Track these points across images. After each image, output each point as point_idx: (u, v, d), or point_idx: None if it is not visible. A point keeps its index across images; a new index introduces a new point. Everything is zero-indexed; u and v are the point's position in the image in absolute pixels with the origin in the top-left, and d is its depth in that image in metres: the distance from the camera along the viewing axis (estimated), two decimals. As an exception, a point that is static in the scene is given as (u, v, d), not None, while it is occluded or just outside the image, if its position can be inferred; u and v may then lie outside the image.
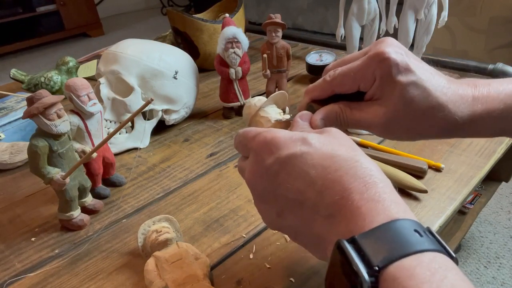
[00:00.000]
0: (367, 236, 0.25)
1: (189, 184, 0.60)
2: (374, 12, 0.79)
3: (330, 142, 0.31)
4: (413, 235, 0.24)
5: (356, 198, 0.27)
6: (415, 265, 0.23)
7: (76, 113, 0.54)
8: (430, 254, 0.24)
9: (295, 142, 0.31)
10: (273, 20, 0.76)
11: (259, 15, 2.52)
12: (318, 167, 0.29)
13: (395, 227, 0.25)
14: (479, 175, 0.56)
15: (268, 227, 0.35)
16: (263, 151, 0.32)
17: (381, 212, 0.26)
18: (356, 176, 0.28)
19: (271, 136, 0.32)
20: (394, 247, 0.24)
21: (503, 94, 0.36)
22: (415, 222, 0.25)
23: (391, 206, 0.26)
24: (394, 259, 0.23)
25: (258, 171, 0.32)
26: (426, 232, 0.25)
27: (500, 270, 0.99)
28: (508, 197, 1.20)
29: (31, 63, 2.68)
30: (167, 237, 0.44)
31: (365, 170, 0.29)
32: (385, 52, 0.35)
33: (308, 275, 0.43)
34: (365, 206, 0.27)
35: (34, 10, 2.82)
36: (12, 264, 0.48)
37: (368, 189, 0.27)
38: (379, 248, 0.24)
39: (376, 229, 0.25)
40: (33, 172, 0.48)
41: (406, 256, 0.23)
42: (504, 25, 1.40)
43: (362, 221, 0.26)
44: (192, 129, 0.76)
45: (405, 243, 0.24)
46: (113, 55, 0.68)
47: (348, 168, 0.29)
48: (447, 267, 0.23)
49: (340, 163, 0.29)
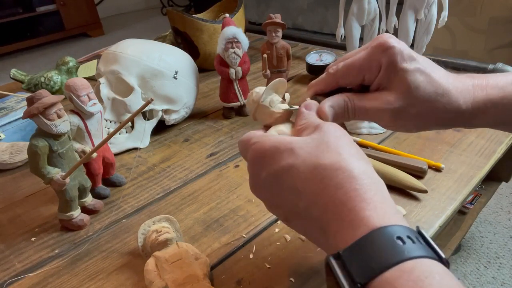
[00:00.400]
0: (350, 251, 0.25)
1: (189, 184, 0.60)
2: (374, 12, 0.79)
3: (317, 148, 0.30)
4: (394, 244, 0.24)
5: (339, 210, 0.27)
6: (397, 277, 0.23)
7: (76, 113, 0.54)
8: (411, 262, 0.23)
9: (282, 154, 0.31)
10: (273, 20, 0.76)
11: (259, 15, 2.52)
12: (304, 180, 0.30)
13: (375, 238, 0.25)
14: (479, 175, 0.56)
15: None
16: (256, 165, 0.33)
17: (361, 223, 0.26)
18: (338, 186, 0.28)
19: (260, 149, 0.32)
20: (374, 260, 0.24)
21: (502, 82, 0.37)
22: (398, 228, 0.25)
23: (372, 215, 0.26)
24: (375, 274, 0.23)
25: (256, 184, 0.34)
26: (412, 236, 0.25)
27: (500, 270, 0.99)
28: (508, 197, 1.20)
29: (31, 63, 2.68)
30: (167, 237, 0.44)
31: (346, 178, 0.28)
32: (388, 41, 0.35)
33: (308, 275, 0.43)
34: (347, 218, 0.27)
35: (34, 10, 2.82)
36: (12, 264, 0.48)
37: (348, 199, 0.27)
38: (361, 262, 0.24)
39: (357, 243, 0.25)
40: (33, 172, 0.48)
41: (387, 268, 0.23)
42: (504, 25, 1.40)
43: (346, 234, 0.26)
44: (192, 129, 0.76)
45: (385, 255, 0.24)
46: (113, 55, 0.68)
47: (330, 178, 0.28)
48: (430, 272, 0.23)
49: (323, 173, 0.29)
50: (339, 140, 0.31)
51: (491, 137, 0.64)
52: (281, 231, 0.49)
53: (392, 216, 0.26)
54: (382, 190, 0.28)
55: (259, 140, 0.33)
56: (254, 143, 0.33)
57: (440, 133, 0.66)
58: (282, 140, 0.32)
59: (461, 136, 0.65)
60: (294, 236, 0.48)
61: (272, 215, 0.52)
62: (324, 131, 0.32)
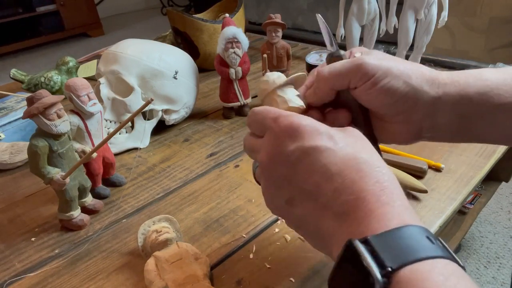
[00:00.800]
0: (380, 238, 0.25)
1: (189, 184, 0.60)
2: (374, 12, 0.79)
3: (354, 143, 0.31)
4: (426, 241, 0.25)
5: (372, 200, 0.28)
6: (429, 269, 0.23)
7: (76, 113, 0.54)
8: (442, 260, 0.24)
9: (321, 135, 0.31)
10: (273, 20, 0.76)
11: (259, 15, 2.52)
12: (340, 165, 0.30)
13: (409, 232, 0.25)
14: (479, 175, 0.56)
15: (271, 211, 0.35)
16: (286, 135, 0.31)
17: (395, 216, 0.26)
18: (375, 180, 0.29)
19: (297, 123, 0.31)
20: (407, 251, 0.24)
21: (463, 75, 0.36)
22: (426, 229, 0.26)
23: (405, 212, 0.27)
24: (408, 262, 0.23)
25: (277, 155, 0.32)
26: (437, 240, 0.26)
27: (500, 270, 0.99)
28: (508, 197, 1.20)
29: (31, 63, 2.68)
30: (167, 237, 0.44)
31: (384, 176, 0.29)
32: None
33: (308, 275, 0.43)
34: (379, 210, 0.27)
35: (34, 10, 2.82)
36: (12, 264, 0.48)
37: (384, 194, 0.28)
38: (393, 250, 0.24)
39: (390, 232, 0.25)
40: (33, 172, 0.48)
41: (419, 260, 0.23)
42: (504, 25, 1.40)
43: (375, 223, 0.26)
44: (192, 129, 0.76)
45: (418, 248, 0.24)
46: (113, 55, 0.68)
47: (369, 172, 0.29)
48: (459, 274, 0.23)
49: (362, 165, 0.29)
50: (369, 143, 0.32)
51: (491, 137, 0.64)
52: (281, 231, 0.49)
53: (418, 219, 0.27)
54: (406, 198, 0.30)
55: (291, 114, 0.32)
56: (284, 115, 0.32)
57: (440, 133, 0.66)
58: (320, 124, 0.32)
59: (461, 136, 0.65)
60: (294, 236, 0.48)
61: (272, 215, 0.52)
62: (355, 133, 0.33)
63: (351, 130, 0.33)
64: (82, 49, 2.76)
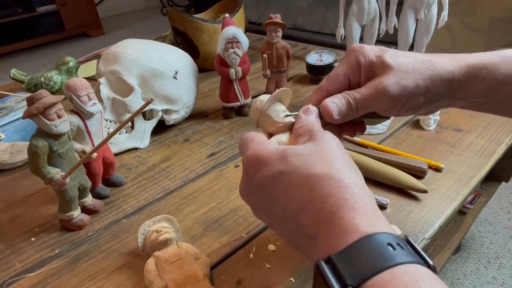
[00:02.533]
0: (341, 255, 0.26)
1: (189, 184, 0.60)
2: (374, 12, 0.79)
3: (309, 157, 0.31)
4: (385, 250, 0.25)
5: (329, 218, 0.28)
6: (389, 279, 0.23)
7: (76, 113, 0.54)
8: (402, 267, 0.24)
9: (274, 160, 0.32)
10: (273, 20, 0.76)
11: (259, 15, 2.52)
12: (294, 188, 0.30)
13: (367, 243, 0.25)
14: (479, 175, 0.56)
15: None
16: (249, 168, 0.34)
17: (352, 230, 0.27)
18: (328, 195, 0.29)
19: (255, 154, 0.33)
20: (366, 264, 0.24)
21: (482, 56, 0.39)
22: (388, 235, 0.26)
23: (362, 223, 0.27)
24: (367, 277, 0.24)
25: (247, 188, 0.34)
26: (401, 243, 0.26)
27: (500, 270, 0.99)
28: (508, 197, 1.20)
29: (31, 63, 2.68)
30: (167, 237, 0.44)
31: (337, 188, 0.29)
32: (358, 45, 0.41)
33: (308, 275, 0.43)
34: (338, 225, 0.27)
35: (34, 10, 2.82)
36: (12, 264, 0.48)
37: (339, 208, 0.28)
38: (353, 266, 0.25)
39: (349, 248, 0.26)
40: (33, 172, 0.48)
41: (379, 272, 0.24)
42: (504, 25, 1.40)
43: (337, 241, 0.27)
44: (192, 129, 0.76)
45: (377, 259, 0.24)
46: (113, 55, 0.68)
47: (321, 187, 0.29)
48: (421, 276, 0.23)
49: (313, 182, 0.30)
50: (332, 151, 0.32)
51: (491, 137, 0.64)
52: (281, 231, 0.49)
53: (382, 225, 0.27)
54: (372, 203, 0.29)
55: (256, 145, 0.34)
56: (250, 148, 0.34)
57: (440, 133, 0.66)
58: (276, 148, 0.33)
59: (461, 136, 0.65)
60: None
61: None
62: (319, 139, 0.33)
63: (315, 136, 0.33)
64: (82, 49, 2.76)
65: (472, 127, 0.67)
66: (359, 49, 0.40)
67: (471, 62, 0.38)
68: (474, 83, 0.38)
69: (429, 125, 0.68)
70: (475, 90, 0.38)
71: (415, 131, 0.68)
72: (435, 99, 0.39)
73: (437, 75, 0.37)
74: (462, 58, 0.38)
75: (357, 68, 0.40)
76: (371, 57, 0.39)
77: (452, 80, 0.38)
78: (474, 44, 1.48)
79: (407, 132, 0.68)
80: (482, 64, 0.38)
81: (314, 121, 0.36)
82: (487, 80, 0.37)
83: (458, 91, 0.38)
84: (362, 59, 0.39)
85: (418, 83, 0.37)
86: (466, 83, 0.38)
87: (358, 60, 0.39)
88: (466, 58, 0.38)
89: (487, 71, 0.37)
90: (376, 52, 0.39)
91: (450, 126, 0.68)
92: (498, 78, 0.37)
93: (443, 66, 0.38)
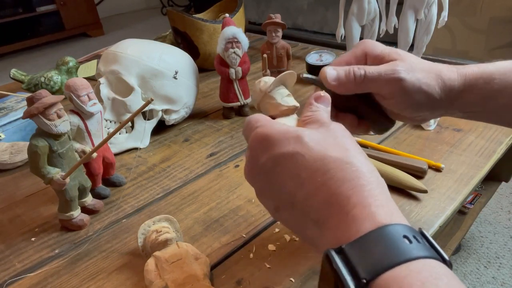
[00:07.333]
0: (354, 246, 0.24)
1: (189, 184, 0.60)
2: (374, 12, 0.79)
3: (324, 140, 0.30)
4: (402, 242, 0.24)
5: (343, 203, 0.27)
6: (404, 275, 0.22)
7: (76, 113, 0.54)
8: (419, 262, 0.23)
9: (288, 140, 0.30)
10: (273, 20, 0.76)
11: (259, 15, 2.52)
12: (308, 169, 0.29)
13: (383, 235, 0.24)
14: (479, 175, 0.56)
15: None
16: (257, 147, 0.32)
17: (367, 218, 0.25)
18: (344, 180, 0.27)
19: (265, 133, 0.31)
20: (381, 257, 0.23)
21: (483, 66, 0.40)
22: (404, 227, 0.25)
23: (378, 212, 0.26)
24: (382, 271, 0.22)
25: (254, 168, 0.32)
26: (417, 236, 0.24)
27: (500, 270, 0.99)
28: (508, 197, 1.20)
29: (31, 63, 2.68)
30: (167, 237, 0.44)
31: (354, 172, 0.28)
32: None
33: (308, 275, 0.43)
34: (351, 213, 0.26)
35: (34, 10, 2.82)
36: (12, 264, 0.48)
37: (354, 193, 0.27)
38: (367, 258, 0.23)
39: (363, 238, 0.24)
40: (33, 172, 0.48)
41: (394, 266, 0.22)
42: (504, 25, 1.40)
43: (348, 229, 0.25)
44: (192, 129, 0.76)
45: (393, 252, 0.23)
46: (113, 55, 0.68)
47: (337, 171, 0.28)
48: (438, 274, 0.22)
49: (329, 165, 0.28)
50: (346, 138, 0.31)
51: (491, 137, 0.64)
52: (281, 231, 0.49)
53: (397, 215, 0.26)
54: (387, 192, 0.28)
55: (265, 124, 0.33)
56: (259, 126, 0.32)
57: (440, 133, 0.66)
58: (289, 127, 0.31)
59: (461, 136, 0.65)
60: (294, 236, 0.48)
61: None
62: (331, 128, 0.31)
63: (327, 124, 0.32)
64: (82, 49, 2.76)
65: (472, 127, 0.67)
66: (368, 43, 0.40)
67: (468, 72, 0.39)
68: (471, 93, 0.38)
69: (429, 125, 0.68)
70: (471, 99, 0.39)
71: (415, 131, 0.68)
72: (436, 104, 0.39)
73: (442, 80, 0.38)
74: (459, 68, 0.39)
75: (362, 57, 0.40)
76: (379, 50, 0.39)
77: (452, 88, 0.38)
78: (474, 44, 1.48)
79: (407, 132, 0.68)
80: (478, 75, 0.38)
81: (324, 110, 0.34)
82: (483, 90, 0.38)
83: (456, 100, 0.39)
84: (369, 51, 0.39)
85: (428, 82, 0.38)
86: (463, 92, 0.38)
87: (365, 51, 0.40)
88: (461, 69, 0.39)
89: (483, 80, 0.38)
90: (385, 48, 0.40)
91: (450, 126, 0.68)
92: (493, 88, 0.38)
93: (446, 73, 0.38)
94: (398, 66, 0.37)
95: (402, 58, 0.38)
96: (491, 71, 0.38)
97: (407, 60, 0.38)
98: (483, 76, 0.38)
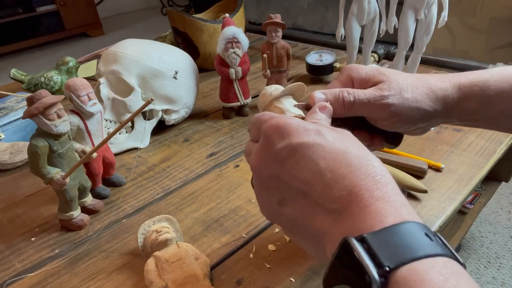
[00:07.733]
0: (377, 236, 0.24)
1: (189, 184, 0.60)
2: (374, 12, 0.79)
3: (343, 139, 0.30)
4: (424, 239, 0.24)
5: (366, 195, 0.27)
6: (428, 269, 0.22)
7: (76, 113, 0.54)
8: (442, 258, 0.23)
9: (308, 131, 0.30)
10: (273, 20, 0.76)
11: (259, 15, 2.52)
12: (329, 159, 0.29)
13: (406, 229, 0.24)
14: (479, 175, 0.56)
15: (265, 217, 0.34)
16: (274, 134, 0.31)
17: (391, 212, 0.25)
18: (367, 174, 0.28)
19: (284, 122, 0.31)
20: (405, 249, 0.23)
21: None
22: (424, 226, 0.25)
23: (401, 208, 0.26)
24: (406, 261, 0.22)
25: (266, 154, 0.31)
26: (436, 236, 0.25)
27: (500, 270, 0.99)
28: (508, 197, 1.20)
29: (31, 63, 2.68)
30: (167, 237, 0.44)
31: (376, 170, 0.28)
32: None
33: (308, 275, 0.43)
34: (374, 205, 0.26)
35: (34, 10, 2.82)
36: (12, 264, 0.48)
37: (378, 188, 0.27)
38: (390, 249, 0.23)
39: (387, 229, 0.24)
40: (33, 172, 0.48)
41: (418, 259, 0.22)
42: (504, 25, 1.40)
43: (371, 220, 0.25)
44: (192, 129, 0.76)
45: (416, 246, 0.23)
46: (113, 55, 0.68)
47: (360, 166, 0.28)
48: (459, 273, 0.22)
49: (352, 159, 0.29)
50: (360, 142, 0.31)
51: (491, 137, 0.64)
52: (281, 231, 0.49)
53: (416, 216, 0.26)
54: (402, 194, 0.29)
55: (281, 116, 0.33)
56: (274, 117, 0.33)
57: (440, 133, 0.66)
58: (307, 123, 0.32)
59: (461, 136, 0.65)
60: (294, 236, 0.48)
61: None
62: (345, 132, 0.32)
63: (342, 130, 0.32)
64: (82, 49, 2.76)
65: (472, 127, 0.67)
66: (353, 67, 0.40)
67: (462, 80, 0.39)
68: (467, 100, 0.39)
69: (429, 125, 0.68)
70: (468, 107, 0.39)
71: (415, 131, 0.68)
72: (431, 115, 0.39)
73: (432, 92, 0.39)
74: (452, 77, 0.39)
75: (348, 83, 0.40)
76: (364, 73, 0.39)
77: (447, 98, 0.39)
78: (474, 44, 1.48)
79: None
80: (473, 82, 0.38)
81: (326, 121, 0.35)
82: (479, 97, 0.38)
83: (453, 109, 0.39)
84: (355, 75, 0.40)
85: (417, 98, 0.38)
86: (459, 100, 0.39)
87: (350, 76, 0.40)
88: (455, 77, 0.39)
89: (479, 88, 0.38)
90: (370, 69, 0.40)
91: (450, 126, 0.68)
92: (489, 94, 0.38)
93: (436, 84, 0.39)
94: (384, 91, 0.38)
95: (388, 78, 0.38)
96: (485, 78, 0.38)
97: (393, 80, 0.38)
98: (478, 83, 0.38)
